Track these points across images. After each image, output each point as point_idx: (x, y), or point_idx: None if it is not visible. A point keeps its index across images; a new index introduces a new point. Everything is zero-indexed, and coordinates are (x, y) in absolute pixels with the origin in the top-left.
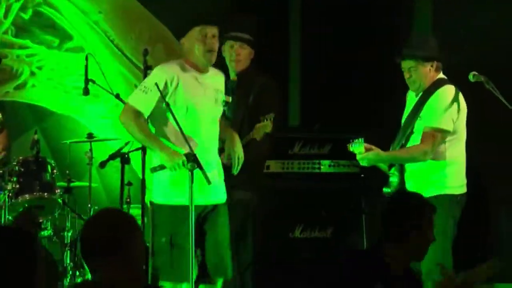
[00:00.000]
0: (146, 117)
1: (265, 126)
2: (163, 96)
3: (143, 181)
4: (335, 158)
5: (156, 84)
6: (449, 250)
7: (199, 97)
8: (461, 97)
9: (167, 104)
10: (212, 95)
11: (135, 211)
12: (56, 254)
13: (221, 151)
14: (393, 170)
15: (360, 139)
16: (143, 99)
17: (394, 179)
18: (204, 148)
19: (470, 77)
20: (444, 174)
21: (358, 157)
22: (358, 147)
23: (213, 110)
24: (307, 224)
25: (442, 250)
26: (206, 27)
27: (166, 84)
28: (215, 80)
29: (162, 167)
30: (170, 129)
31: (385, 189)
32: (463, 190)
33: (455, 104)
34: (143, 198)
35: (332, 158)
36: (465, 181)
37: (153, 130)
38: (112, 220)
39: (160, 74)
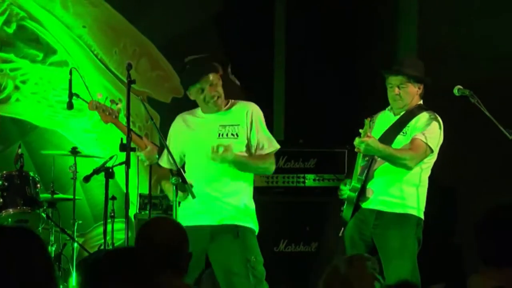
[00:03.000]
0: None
1: None
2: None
3: (127, 195)
4: (319, 172)
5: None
6: (416, 267)
7: (194, 138)
8: (442, 126)
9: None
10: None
11: (119, 225)
12: None
13: None
14: (362, 176)
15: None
16: (163, 155)
17: (357, 185)
18: (209, 181)
19: (455, 91)
20: (416, 194)
21: (357, 140)
22: (365, 127)
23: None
24: (291, 238)
25: (412, 268)
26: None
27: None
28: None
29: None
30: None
31: (344, 188)
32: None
33: (440, 131)
34: (127, 212)
35: (316, 172)
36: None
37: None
38: None
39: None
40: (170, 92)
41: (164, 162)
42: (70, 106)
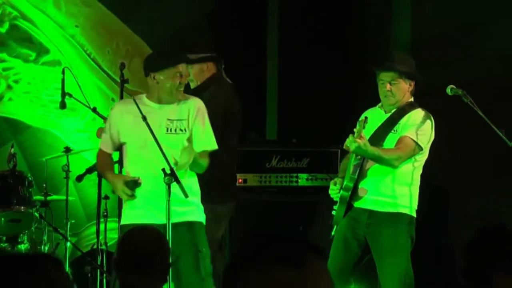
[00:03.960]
0: (111, 154)
1: None
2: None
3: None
4: (312, 172)
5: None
6: (410, 265)
7: (139, 129)
8: (433, 124)
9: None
10: (163, 125)
11: (112, 224)
12: None
13: None
14: (355, 175)
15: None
16: (104, 139)
17: (350, 184)
18: (155, 177)
19: (448, 90)
20: (409, 193)
21: (350, 138)
22: (358, 127)
23: (164, 139)
24: None
25: (406, 266)
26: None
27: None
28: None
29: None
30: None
31: (334, 187)
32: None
33: (431, 129)
34: (120, 212)
35: (309, 171)
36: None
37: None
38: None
39: (110, 113)
40: None
41: (109, 147)
42: (63, 105)
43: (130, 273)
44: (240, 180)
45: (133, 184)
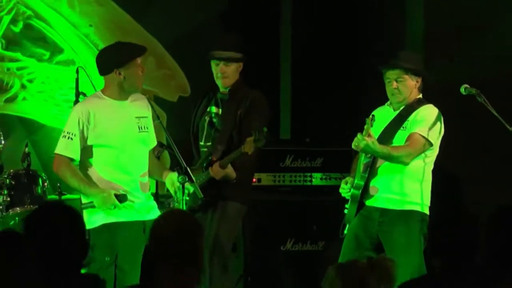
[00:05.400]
0: (77, 161)
1: (258, 140)
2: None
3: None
4: (326, 171)
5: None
6: (423, 263)
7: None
8: (442, 118)
9: None
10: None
11: None
12: None
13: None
14: (365, 174)
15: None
16: (70, 145)
17: (361, 182)
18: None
19: (462, 90)
20: (420, 190)
21: (359, 137)
22: (366, 126)
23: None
24: (298, 237)
25: (419, 263)
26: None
27: (79, 122)
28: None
29: (93, 206)
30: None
31: (345, 186)
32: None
33: (441, 124)
34: None
35: (323, 171)
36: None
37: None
38: None
39: (73, 114)
40: (177, 91)
41: (76, 152)
42: None
43: (167, 263)
44: (254, 180)
45: (123, 198)
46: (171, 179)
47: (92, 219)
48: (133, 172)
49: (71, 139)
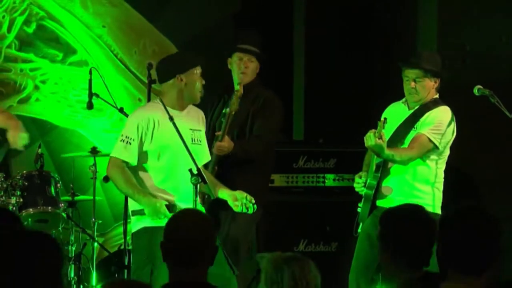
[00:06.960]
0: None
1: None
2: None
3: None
4: (339, 172)
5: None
6: (434, 263)
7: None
8: (455, 120)
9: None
10: (189, 135)
11: None
12: None
13: None
14: (378, 173)
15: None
16: (128, 149)
17: (373, 182)
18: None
19: (475, 91)
20: (432, 191)
21: (371, 136)
22: (378, 128)
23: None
24: (311, 238)
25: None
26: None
27: (138, 128)
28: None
29: (143, 213)
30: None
31: (359, 180)
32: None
33: (452, 126)
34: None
35: (336, 172)
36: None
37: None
38: None
39: (132, 119)
40: None
41: (134, 157)
42: (90, 106)
43: (180, 263)
44: None
45: (174, 209)
46: (226, 194)
47: (138, 224)
48: (184, 181)
49: (130, 143)
